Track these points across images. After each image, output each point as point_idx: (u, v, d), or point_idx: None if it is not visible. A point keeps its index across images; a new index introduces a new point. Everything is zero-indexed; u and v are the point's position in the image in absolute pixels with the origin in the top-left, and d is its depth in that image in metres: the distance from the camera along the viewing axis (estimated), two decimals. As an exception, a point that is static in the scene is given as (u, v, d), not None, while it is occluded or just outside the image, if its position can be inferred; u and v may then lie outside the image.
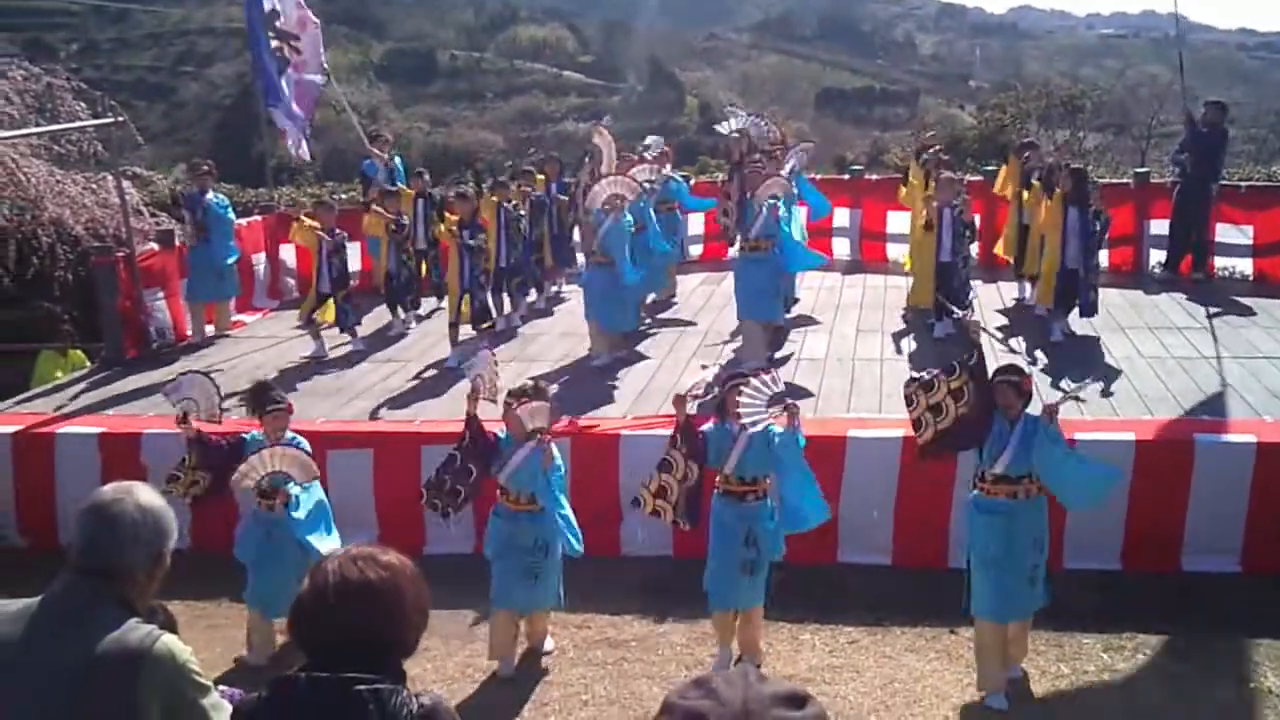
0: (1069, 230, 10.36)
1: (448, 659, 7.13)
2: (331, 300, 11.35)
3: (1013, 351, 9.58)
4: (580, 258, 12.17)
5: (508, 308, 12.15)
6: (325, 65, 13.83)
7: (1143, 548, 7.81)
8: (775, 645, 7.11)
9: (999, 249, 12.63)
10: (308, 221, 11.43)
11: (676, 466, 6.62)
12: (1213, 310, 11.50)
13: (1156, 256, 13.14)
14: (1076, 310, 10.64)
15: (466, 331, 10.92)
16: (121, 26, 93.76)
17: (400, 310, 12.37)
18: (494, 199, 11.67)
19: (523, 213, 12.03)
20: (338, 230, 11.44)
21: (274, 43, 12.98)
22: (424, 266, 12.70)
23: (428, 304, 12.97)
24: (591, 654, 7.16)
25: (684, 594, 7.26)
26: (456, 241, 10.61)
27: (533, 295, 12.90)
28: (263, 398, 7.10)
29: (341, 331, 11.57)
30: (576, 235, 12.66)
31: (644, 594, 7.84)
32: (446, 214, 11.14)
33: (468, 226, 10.65)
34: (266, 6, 12.86)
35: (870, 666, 6.89)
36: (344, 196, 17.21)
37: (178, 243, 12.68)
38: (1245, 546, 7.75)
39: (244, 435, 7.16)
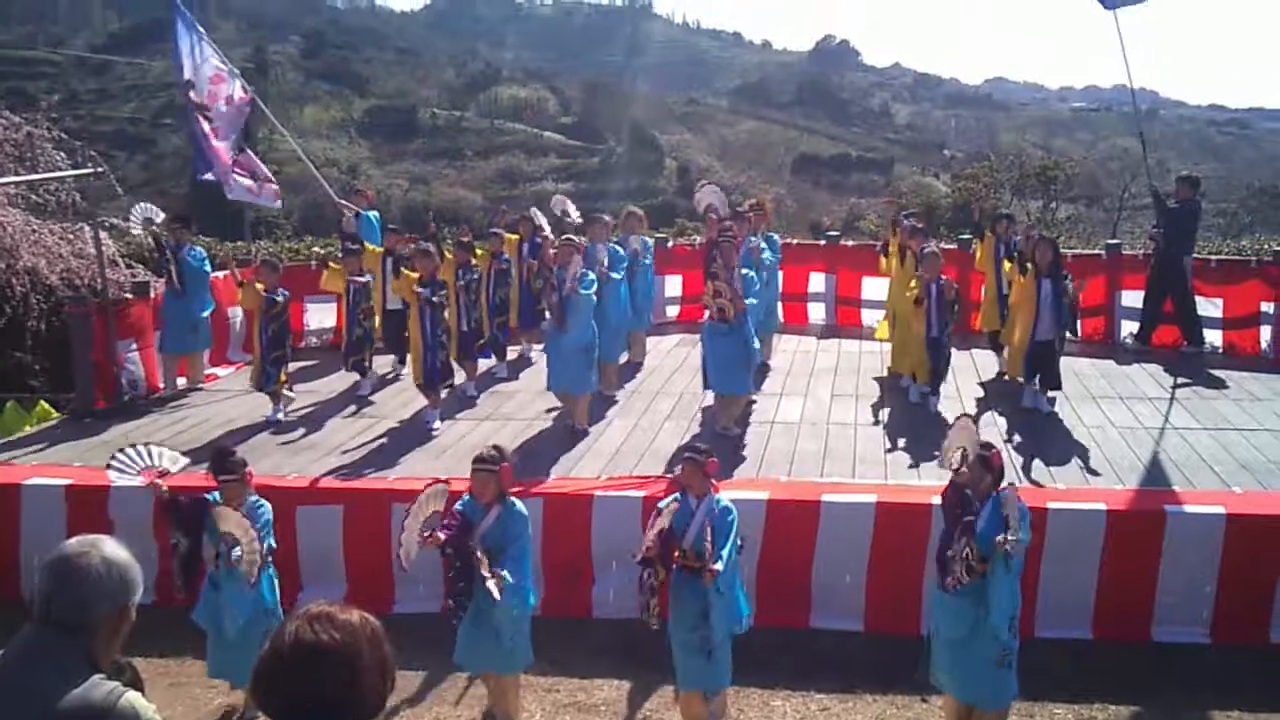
0: (1042, 303, 10.36)
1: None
2: (275, 362, 11.08)
3: (989, 413, 9.60)
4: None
5: (462, 375, 11.69)
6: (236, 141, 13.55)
7: (1113, 617, 7.82)
8: (746, 711, 7.05)
9: (977, 322, 12.66)
10: (258, 285, 11.05)
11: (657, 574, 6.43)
12: (1183, 381, 11.61)
13: (1128, 327, 13.26)
14: (1040, 381, 10.62)
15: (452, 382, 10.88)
16: (103, 78, 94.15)
17: (360, 372, 12.14)
18: (453, 261, 11.45)
19: (477, 274, 11.73)
20: (281, 290, 11.11)
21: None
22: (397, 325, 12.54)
23: (391, 361, 12.81)
24: (560, 718, 7.08)
25: (655, 657, 7.19)
26: (418, 300, 10.44)
27: (493, 360, 12.58)
28: (218, 465, 6.95)
29: (259, 390, 11.23)
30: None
31: (614, 657, 7.76)
32: (404, 271, 10.81)
33: (428, 284, 10.49)
34: (184, 75, 12.72)
35: (841, 734, 6.83)
36: (321, 251, 17.23)
37: (153, 293, 12.64)
38: (1214, 617, 7.77)
39: (205, 497, 6.99)
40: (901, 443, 9.79)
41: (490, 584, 6.25)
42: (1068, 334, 11.07)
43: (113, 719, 2.73)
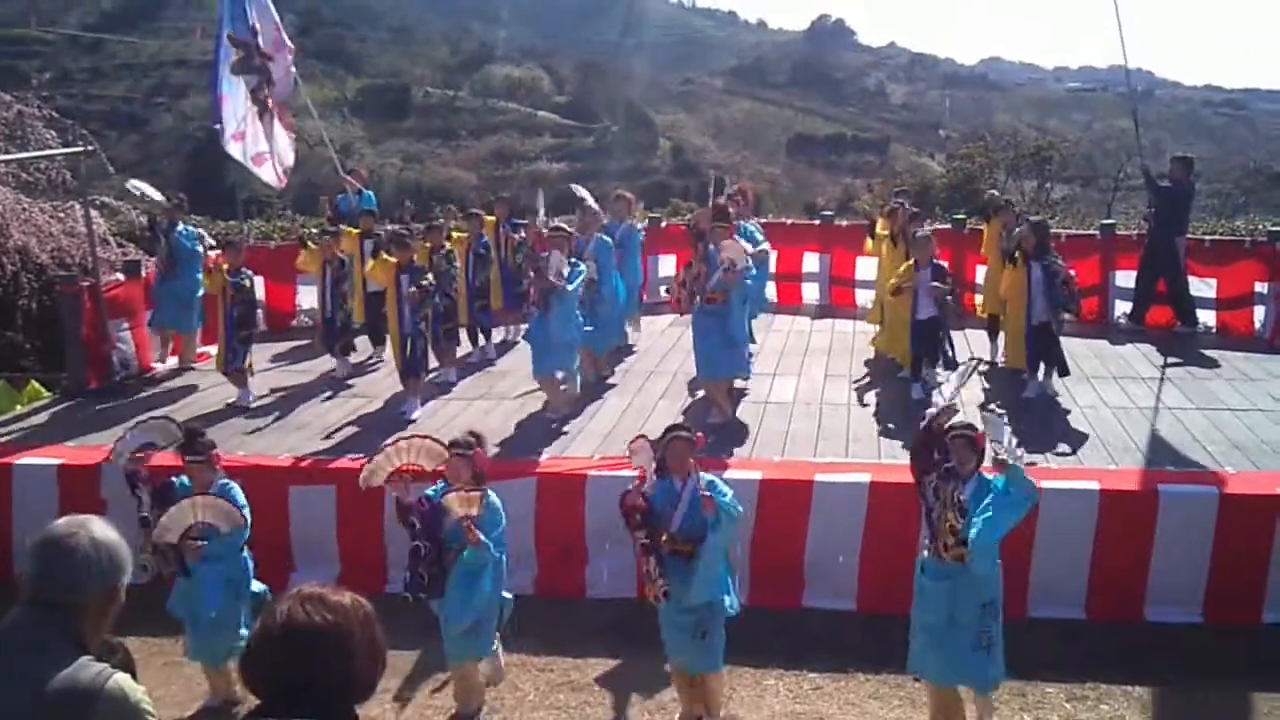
0: (1033, 286, 10.21)
1: (407, 700, 7.04)
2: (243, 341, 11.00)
3: (991, 411, 9.56)
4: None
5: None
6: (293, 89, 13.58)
7: (1106, 597, 7.83)
8: (739, 691, 7.06)
9: (978, 308, 12.56)
10: (223, 265, 11.00)
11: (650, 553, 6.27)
12: (1177, 361, 11.61)
13: (1122, 307, 13.26)
14: (1055, 369, 10.48)
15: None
16: (95, 56, 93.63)
17: (338, 354, 12.03)
18: (426, 245, 11.36)
19: (455, 258, 11.68)
20: (245, 271, 11.05)
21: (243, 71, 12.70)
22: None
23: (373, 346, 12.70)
24: (554, 697, 7.09)
25: (648, 637, 7.19)
26: (395, 287, 10.33)
27: (482, 340, 12.60)
28: (187, 445, 6.89)
29: (222, 373, 11.14)
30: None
31: (608, 636, 7.78)
32: (383, 256, 10.73)
33: (406, 271, 10.37)
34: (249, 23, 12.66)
35: (834, 713, 6.85)
36: (314, 230, 17.15)
37: (145, 272, 12.58)
38: (1207, 597, 7.79)
39: (172, 480, 6.95)
40: (895, 423, 9.78)
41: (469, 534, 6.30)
42: (1066, 315, 10.83)
43: (100, 701, 2.71)
